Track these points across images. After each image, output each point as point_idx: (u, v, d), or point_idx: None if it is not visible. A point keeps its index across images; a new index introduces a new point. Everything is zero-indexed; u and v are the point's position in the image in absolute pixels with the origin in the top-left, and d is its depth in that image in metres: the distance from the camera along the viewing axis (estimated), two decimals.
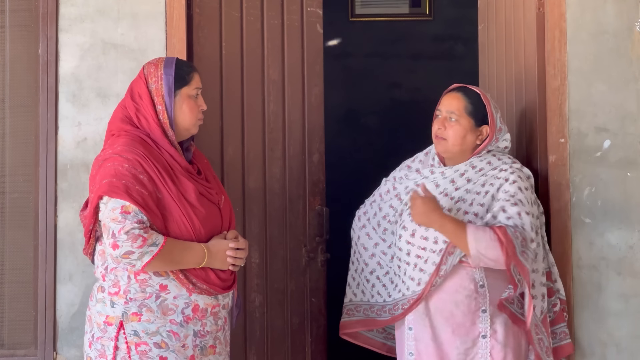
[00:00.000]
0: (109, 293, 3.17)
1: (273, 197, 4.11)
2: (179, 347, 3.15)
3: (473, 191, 3.48)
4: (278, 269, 4.09)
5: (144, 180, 3.11)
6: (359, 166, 6.42)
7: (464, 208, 3.45)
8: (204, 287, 3.18)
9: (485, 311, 3.43)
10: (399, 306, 3.51)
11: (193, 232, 3.17)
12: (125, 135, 3.21)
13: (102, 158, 3.17)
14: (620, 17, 3.82)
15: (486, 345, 3.42)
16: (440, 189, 3.51)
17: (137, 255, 3.05)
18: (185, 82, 3.28)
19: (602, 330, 3.77)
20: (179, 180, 3.19)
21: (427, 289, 3.40)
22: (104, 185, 3.09)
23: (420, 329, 3.47)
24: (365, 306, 3.65)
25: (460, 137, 3.50)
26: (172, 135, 3.24)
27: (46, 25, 3.88)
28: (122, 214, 3.05)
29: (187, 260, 3.15)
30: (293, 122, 4.15)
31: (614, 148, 3.80)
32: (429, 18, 6.61)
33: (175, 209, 3.15)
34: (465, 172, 3.52)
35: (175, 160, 3.22)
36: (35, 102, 3.89)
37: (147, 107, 3.24)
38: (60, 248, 3.84)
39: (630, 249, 3.78)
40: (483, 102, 3.52)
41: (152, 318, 3.14)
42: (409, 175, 3.64)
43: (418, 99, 6.49)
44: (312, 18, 4.18)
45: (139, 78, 3.30)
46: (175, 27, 3.88)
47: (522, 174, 3.48)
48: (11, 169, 3.91)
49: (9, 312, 3.89)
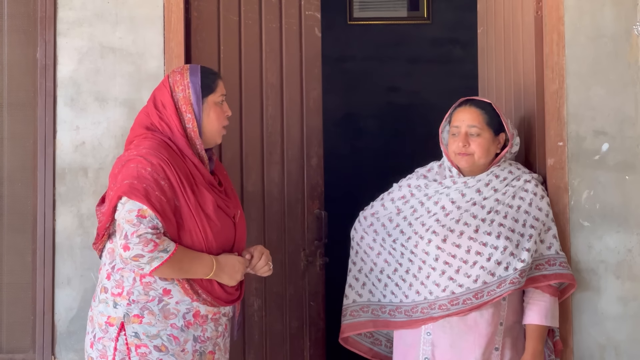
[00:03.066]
0: (112, 294, 3.17)
1: (271, 201, 4.11)
2: (178, 351, 3.16)
3: (504, 203, 3.52)
4: (277, 272, 4.06)
5: (165, 187, 3.11)
6: (358, 170, 6.42)
7: (498, 220, 3.48)
8: (208, 298, 3.19)
9: (502, 324, 3.48)
10: (418, 309, 3.51)
11: (205, 244, 3.17)
12: (152, 138, 3.22)
13: (126, 158, 3.17)
14: (618, 20, 3.82)
15: (497, 357, 3.48)
16: (467, 198, 3.54)
17: (146, 260, 3.05)
18: (211, 89, 3.29)
19: (600, 334, 3.76)
20: (199, 191, 3.19)
21: (472, 310, 3.45)
22: (124, 185, 3.09)
23: (440, 334, 3.48)
24: (374, 306, 3.64)
25: (485, 150, 3.56)
26: (200, 144, 3.25)
27: (44, 29, 3.88)
28: (138, 217, 3.06)
29: (196, 270, 3.15)
30: (291, 125, 4.15)
31: (612, 151, 3.80)
32: (427, 22, 6.61)
33: (190, 219, 3.15)
34: (490, 181, 3.57)
35: (198, 170, 3.22)
36: (34, 106, 3.88)
37: (172, 116, 3.24)
38: (59, 252, 3.84)
39: (629, 252, 3.78)
40: (496, 111, 3.57)
41: (153, 321, 3.14)
42: (429, 184, 3.66)
43: (416, 103, 6.50)
44: (310, 22, 4.19)
45: (163, 86, 3.30)
46: (174, 31, 3.88)
47: (540, 184, 3.64)
48: (9, 173, 3.90)
49: (7, 316, 3.88)
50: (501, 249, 3.42)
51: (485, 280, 3.42)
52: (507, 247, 3.43)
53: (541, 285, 3.49)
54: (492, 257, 3.43)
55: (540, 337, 3.50)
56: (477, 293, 3.42)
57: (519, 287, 3.42)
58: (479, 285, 3.42)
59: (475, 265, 3.44)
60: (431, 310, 3.47)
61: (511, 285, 3.40)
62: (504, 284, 3.41)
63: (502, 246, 3.42)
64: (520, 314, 3.54)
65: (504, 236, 3.44)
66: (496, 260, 3.42)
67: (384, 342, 3.76)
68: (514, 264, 3.43)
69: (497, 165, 3.60)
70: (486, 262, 3.43)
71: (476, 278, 3.43)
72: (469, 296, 3.43)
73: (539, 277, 3.49)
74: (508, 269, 3.42)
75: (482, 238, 3.45)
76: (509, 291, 3.41)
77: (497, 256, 3.43)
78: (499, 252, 3.43)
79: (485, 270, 3.42)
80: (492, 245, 3.44)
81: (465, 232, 3.47)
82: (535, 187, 3.59)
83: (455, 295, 3.44)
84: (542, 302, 3.50)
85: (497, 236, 3.44)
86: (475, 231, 3.46)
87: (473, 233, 3.46)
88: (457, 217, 3.51)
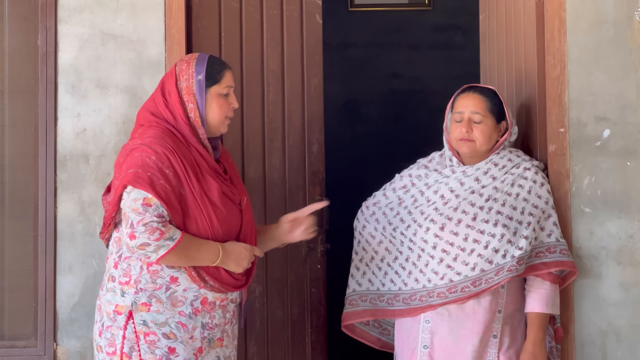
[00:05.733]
0: (120, 282, 3.18)
1: (273, 188, 4.11)
2: (187, 338, 3.17)
3: (502, 190, 3.52)
4: (278, 259, 4.09)
5: (169, 175, 3.11)
6: (359, 156, 6.42)
7: (496, 208, 3.48)
8: (215, 284, 3.19)
9: (500, 312, 3.49)
10: (417, 297, 3.52)
11: (211, 231, 3.17)
12: (157, 126, 3.21)
13: (131, 147, 3.18)
14: (619, 6, 3.81)
15: (496, 345, 3.48)
16: (466, 187, 3.55)
17: (152, 248, 3.05)
18: (216, 80, 3.28)
19: (602, 320, 3.77)
20: (204, 179, 3.19)
21: (470, 298, 3.45)
22: (129, 174, 3.09)
23: (439, 322, 3.49)
24: (372, 295, 3.65)
25: (487, 137, 3.56)
26: (203, 133, 3.25)
27: (45, 16, 3.87)
28: (144, 206, 3.06)
29: (202, 257, 3.15)
30: (292, 112, 4.15)
31: (613, 137, 3.80)
32: (428, 8, 6.60)
33: (195, 206, 3.15)
34: (489, 170, 3.57)
35: (203, 158, 3.22)
36: (35, 93, 3.88)
37: (176, 104, 3.24)
38: (60, 239, 3.84)
39: (630, 238, 3.78)
40: (499, 98, 3.58)
41: (161, 309, 3.15)
42: (429, 174, 3.66)
43: (417, 89, 6.49)
44: (312, 8, 4.18)
45: (170, 75, 3.30)
46: (175, 18, 3.88)
47: (540, 171, 3.62)
48: (10, 160, 3.90)
49: (9, 303, 3.89)
50: (499, 237, 3.43)
51: (483, 268, 3.43)
52: (505, 234, 3.43)
53: (541, 273, 3.50)
54: (490, 245, 3.43)
55: (542, 325, 3.50)
56: (475, 281, 3.43)
57: (517, 274, 3.43)
58: (477, 273, 3.43)
59: (473, 253, 3.44)
60: (430, 298, 3.48)
61: (509, 272, 3.40)
62: (502, 271, 3.41)
63: (499, 234, 3.43)
64: (521, 302, 3.54)
65: (501, 224, 3.44)
66: (494, 248, 3.43)
67: (392, 332, 3.76)
68: (512, 251, 3.43)
69: (497, 153, 3.60)
70: (484, 249, 3.43)
71: (474, 266, 3.43)
72: (467, 284, 3.43)
73: (539, 265, 3.50)
74: (506, 256, 3.42)
75: (480, 226, 3.45)
76: (507, 279, 3.41)
77: (495, 244, 3.43)
78: (497, 240, 3.43)
79: (482, 258, 3.43)
80: (490, 233, 3.44)
81: (463, 220, 3.47)
82: (535, 175, 3.58)
83: (453, 283, 3.45)
84: (543, 289, 3.51)
85: (495, 224, 3.44)
86: (473, 219, 3.47)
87: (471, 221, 3.46)
88: (455, 205, 3.51)
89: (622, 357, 3.77)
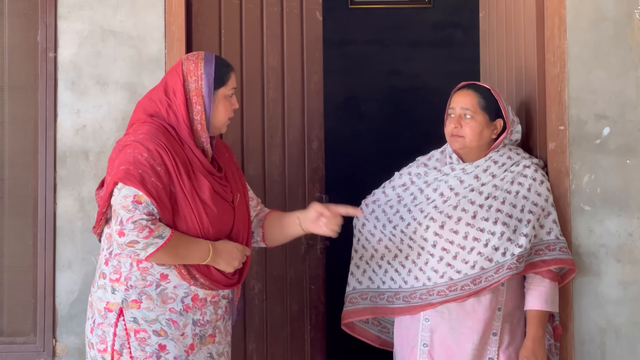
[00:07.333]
0: (110, 279, 3.17)
1: (272, 184, 4.11)
2: (178, 335, 3.16)
3: (502, 188, 3.52)
4: (277, 256, 4.09)
5: (161, 172, 3.10)
6: (359, 153, 6.42)
7: (495, 206, 3.48)
8: (205, 282, 3.18)
9: (500, 310, 3.49)
10: (416, 295, 3.51)
11: (200, 230, 3.16)
12: (151, 123, 3.19)
13: (124, 143, 3.17)
14: (619, 4, 3.81)
15: (495, 343, 3.48)
16: (465, 185, 3.55)
17: (141, 246, 3.04)
18: (223, 82, 3.27)
19: (601, 317, 3.77)
20: (196, 177, 3.18)
21: (470, 296, 3.45)
22: (120, 171, 3.08)
23: (438, 320, 3.49)
24: (372, 293, 3.65)
25: (477, 133, 3.55)
26: (206, 137, 3.23)
27: (45, 12, 3.87)
28: (134, 203, 3.05)
29: (192, 256, 3.14)
30: (292, 109, 4.15)
31: (613, 135, 3.80)
32: (428, 5, 6.61)
33: (185, 205, 3.14)
34: (488, 167, 3.56)
35: (196, 157, 3.20)
36: (34, 89, 3.88)
37: (180, 105, 3.21)
38: (60, 235, 3.84)
39: (630, 236, 3.78)
40: (494, 96, 3.57)
41: (151, 306, 3.15)
42: (429, 172, 3.66)
43: (417, 86, 6.49)
44: (312, 5, 4.18)
45: (175, 74, 3.26)
46: (175, 14, 3.88)
47: (540, 169, 3.62)
48: (10, 156, 3.90)
49: (8, 299, 3.89)
50: (498, 235, 3.43)
51: (482, 266, 3.43)
52: (505, 232, 3.43)
53: (541, 270, 3.50)
54: (490, 243, 3.43)
55: (541, 323, 3.50)
56: (475, 279, 3.43)
57: (517, 272, 3.43)
58: (477, 271, 3.43)
59: (473, 251, 3.44)
60: (429, 296, 3.48)
61: (509, 270, 3.41)
62: (502, 269, 3.41)
63: (499, 232, 3.43)
64: (521, 299, 3.55)
65: (501, 222, 3.44)
66: (493, 246, 3.43)
67: (392, 330, 3.76)
68: (512, 249, 3.43)
69: (496, 151, 3.60)
70: (483, 248, 3.43)
71: (474, 264, 3.43)
72: (467, 282, 3.43)
73: (538, 263, 3.50)
74: (506, 254, 3.42)
75: (480, 224, 3.45)
76: (507, 277, 3.41)
77: (495, 242, 3.43)
78: (496, 238, 3.43)
79: (482, 256, 3.43)
80: (490, 231, 3.44)
81: (462, 218, 3.47)
82: (535, 173, 3.58)
83: (453, 282, 3.45)
84: (542, 287, 3.51)
85: (495, 222, 3.44)
86: (472, 217, 3.47)
87: (470, 219, 3.46)
88: (454, 203, 3.51)
89: (621, 355, 3.78)
